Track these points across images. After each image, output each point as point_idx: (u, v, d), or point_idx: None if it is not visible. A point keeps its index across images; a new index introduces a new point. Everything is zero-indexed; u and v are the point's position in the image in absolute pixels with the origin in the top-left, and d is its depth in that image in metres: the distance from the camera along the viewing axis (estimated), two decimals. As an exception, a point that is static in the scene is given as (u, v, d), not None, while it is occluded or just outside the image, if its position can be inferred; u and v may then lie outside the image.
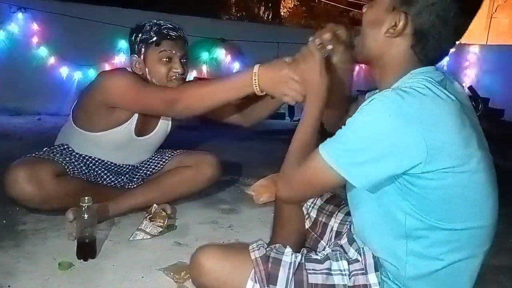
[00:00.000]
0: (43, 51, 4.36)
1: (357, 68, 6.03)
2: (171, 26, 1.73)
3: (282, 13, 14.32)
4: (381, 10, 1.02)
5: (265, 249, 1.09)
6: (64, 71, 4.43)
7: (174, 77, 1.73)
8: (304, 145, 1.16)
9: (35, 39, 4.33)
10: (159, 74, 1.72)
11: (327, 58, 1.27)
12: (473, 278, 1.03)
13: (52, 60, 4.40)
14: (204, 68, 5.20)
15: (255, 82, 1.38)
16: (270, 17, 14.57)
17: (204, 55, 5.16)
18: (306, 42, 1.31)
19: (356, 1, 15.52)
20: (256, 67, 1.39)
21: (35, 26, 4.31)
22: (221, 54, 5.28)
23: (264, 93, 1.40)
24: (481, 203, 0.97)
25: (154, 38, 1.69)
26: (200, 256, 1.09)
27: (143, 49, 1.71)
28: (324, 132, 1.23)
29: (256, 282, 1.04)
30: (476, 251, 0.99)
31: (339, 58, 1.31)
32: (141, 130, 1.89)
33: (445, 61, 6.58)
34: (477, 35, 11.10)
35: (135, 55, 1.74)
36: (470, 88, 4.10)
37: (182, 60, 1.75)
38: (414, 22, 0.97)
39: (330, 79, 1.22)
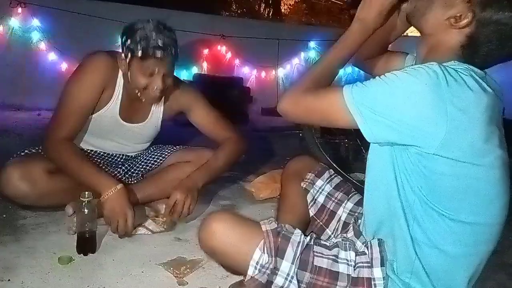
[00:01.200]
0: (43, 46, 4.35)
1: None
2: (160, 44, 1.63)
3: (282, 10, 14.30)
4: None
5: (276, 225, 1.10)
6: (63, 66, 4.43)
7: (151, 91, 1.70)
8: (331, 67, 1.12)
9: (35, 34, 4.32)
10: (138, 84, 1.69)
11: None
12: (471, 277, 1.03)
13: (52, 56, 4.39)
14: (205, 65, 5.19)
15: (107, 194, 1.62)
16: (270, 14, 14.54)
17: (205, 52, 5.15)
18: (306, 39, 1.31)
19: (357, -1, 15.50)
20: (120, 186, 1.64)
21: (35, 21, 4.30)
22: (222, 50, 5.27)
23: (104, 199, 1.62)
24: (493, 200, 0.97)
25: (139, 53, 1.64)
26: (212, 220, 1.10)
27: (128, 55, 1.68)
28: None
29: (264, 252, 1.04)
30: (479, 248, 1.00)
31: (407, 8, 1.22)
32: (129, 116, 1.88)
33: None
34: (477, 33, 11.10)
35: (122, 55, 1.73)
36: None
37: (165, 75, 1.70)
38: (477, 27, 0.96)
39: (388, 16, 1.14)
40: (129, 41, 1.66)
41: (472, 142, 0.90)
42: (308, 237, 1.09)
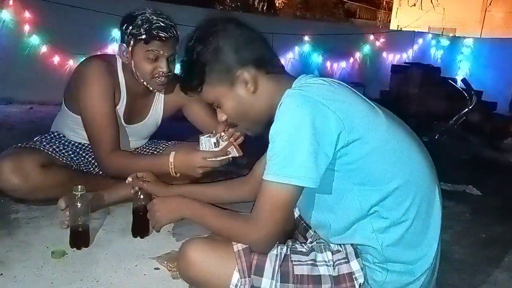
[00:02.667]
0: (35, 39, 4.30)
1: (351, 60, 6.03)
2: (163, 25, 1.66)
3: (277, 4, 14.27)
4: (225, 94, 1.11)
5: None
6: (56, 59, 4.39)
7: (157, 75, 1.71)
8: (222, 212, 1.16)
9: (26, 27, 4.27)
10: (143, 70, 1.70)
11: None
12: (438, 227, 1.07)
13: (44, 49, 4.35)
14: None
15: (172, 168, 1.64)
16: (264, 8, 14.50)
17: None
18: (301, 33, 1.35)
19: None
20: (172, 156, 1.63)
21: (26, 14, 4.24)
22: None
23: (179, 174, 1.66)
24: (406, 154, 1.04)
25: (143, 36, 1.64)
26: (187, 249, 1.10)
27: (131, 42, 1.68)
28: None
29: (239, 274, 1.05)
30: (428, 201, 1.05)
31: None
32: (131, 118, 1.88)
33: (439, 54, 6.62)
34: (471, 29, 11.15)
35: (124, 45, 1.72)
36: (464, 80, 4.11)
37: (169, 59, 1.72)
38: (248, 64, 1.08)
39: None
40: (130, 27, 1.66)
41: (363, 117, 1.01)
42: (285, 247, 1.09)
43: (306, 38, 5.78)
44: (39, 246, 1.50)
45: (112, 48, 4.52)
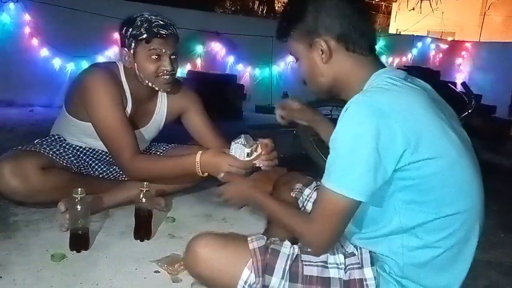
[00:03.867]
0: (35, 42, 4.30)
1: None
2: (162, 23, 1.68)
3: (276, 8, 14.26)
4: (303, 52, 1.10)
5: (265, 241, 1.09)
6: (56, 62, 4.38)
7: (162, 74, 1.72)
8: (283, 205, 1.16)
9: (27, 30, 4.27)
10: (147, 71, 1.71)
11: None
12: (469, 261, 1.04)
13: (44, 51, 4.34)
14: (199, 62, 5.17)
15: (198, 168, 1.62)
16: (264, 11, 14.52)
17: (199, 49, 5.13)
18: None
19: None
20: (198, 155, 1.62)
21: (27, 17, 4.24)
22: (216, 47, 5.26)
23: (206, 174, 1.64)
24: (468, 185, 0.99)
25: (144, 36, 1.66)
26: (196, 245, 1.09)
27: (133, 44, 1.69)
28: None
29: (252, 272, 1.03)
30: (469, 234, 1.01)
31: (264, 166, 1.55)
32: (134, 123, 1.88)
33: (438, 58, 6.63)
34: (470, 32, 11.18)
35: (125, 49, 1.72)
36: (463, 84, 4.10)
37: (172, 57, 1.73)
38: (330, 35, 1.05)
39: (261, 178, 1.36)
40: (130, 29, 1.68)
41: (432, 138, 0.94)
42: (297, 247, 1.08)
43: (306, 41, 5.79)
44: (39, 249, 1.49)
45: (113, 51, 4.52)
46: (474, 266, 1.72)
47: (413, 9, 10.71)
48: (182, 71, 4.84)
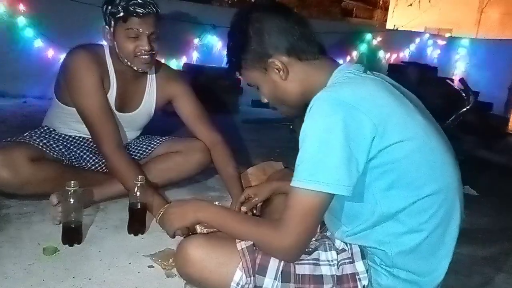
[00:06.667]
0: (29, 32, 4.25)
1: (348, 59, 6.03)
2: (140, 1, 1.64)
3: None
4: (261, 78, 1.11)
5: None
6: (50, 53, 4.33)
7: (140, 54, 1.70)
8: (242, 216, 1.17)
9: (21, 20, 4.21)
10: (126, 50, 1.70)
11: None
12: (453, 242, 1.04)
13: (38, 42, 4.29)
14: (195, 55, 5.13)
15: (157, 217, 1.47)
16: (261, 5, 14.44)
17: (195, 42, 5.09)
18: None
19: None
20: (161, 208, 1.46)
21: (21, 7, 4.19)
22: (213, 40, 5.22)
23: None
24: (440, 164, 1.00)
25: (121, 14, 1.64)
26: (187, 246, 1.08)
27: (112, 23, 1.68)
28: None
29: (243, 273, 1.03)
30: (450, 213, 1.01)
31: None
32: (123, 105, 1.86)
33: (435, 54, 6.62)
34: (467, 29, 11.19)
35: (106, 26, 1.72)
36: (461, 80, 4.10)
37: (151, 37, 1.70)
38: (280, 53, 1.07)
39: None
40: (110, 7, 1.66)
41: (399, 122, 0.96)
42: None
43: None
44: (31, 243, 1.47)
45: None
46: (469, 262, 1.72)
47: (411, 5, 10.71)
48: (178, 64, 4.80)
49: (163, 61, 1.76)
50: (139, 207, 1.59)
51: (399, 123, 0.95)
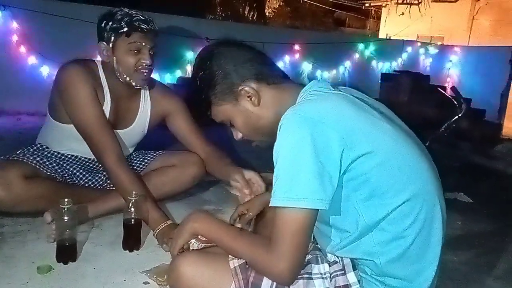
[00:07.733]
0: (23, 49, 4.26)
1: (341, 68, 6.07)
2: (142, 18, 1.70)
3: (267, 13, 14.35)
4: (233, 110, 1.13)
5: None
6: (45, 70, 4.34)
7: (141, 67, 1.73)
8: (237, 233, 1.12)
9: (14, 38, 4.23)
10: (127, 64, 1.72)
11: None
12: (439, 244, 1.04)
13: (32, 59, 4.30)
14: (189, 68, 5.15)
15: (155, 232, 1.64)
16: (255, 17, 14.57)
17: (189, 55, 5.12)
18: (291, 42, 1.36)
19: (340, 2, 15.65)
20: (164, 224, 1.63)
21: (15, 24, 4.21)
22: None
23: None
24: (414, 168, 1.01)
25: (125, 29, 1.67)
26: (180, 263, 1.08)
27: (112, 38, 1.70)
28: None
29: None
30: (431, 215, 1.01)
31: None
32: (116, 122, 1.86)
33: (428, 62, 6.68)
34: (459, 37, 11.29)
35: (104, 43, 1.73)
36: (453, 88, 4.15)
37: (150, 52, 1.74)
38: (248, 79, 1.10)
39: None
40: (110, 23, 1.69)
41: (365, 133, 0.96)
42: None
43: (296, 47, 5.80)
44: (25, 261, 1.46)
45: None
46: (465, 270, 1.72)
47: (403, 14, 10.81)
48: (172, 78, 4.82)
49: (157, 75, 1.79)
50: (133, 222, 1.58)
51: (365, 134, 0.97)
